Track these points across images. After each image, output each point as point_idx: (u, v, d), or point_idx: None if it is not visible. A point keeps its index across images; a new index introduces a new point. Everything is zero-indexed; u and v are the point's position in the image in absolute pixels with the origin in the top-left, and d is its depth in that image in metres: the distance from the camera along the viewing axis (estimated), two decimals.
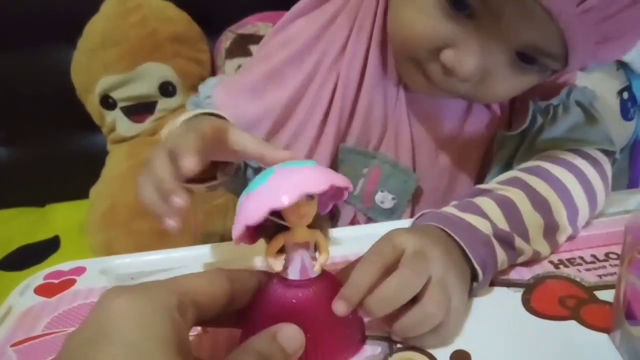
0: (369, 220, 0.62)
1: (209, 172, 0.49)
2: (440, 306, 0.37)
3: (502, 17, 0.44)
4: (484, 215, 0.45)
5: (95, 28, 1.05)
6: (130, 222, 0.96)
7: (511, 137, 0.59)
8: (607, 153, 0.56)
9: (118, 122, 1.09)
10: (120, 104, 1.07)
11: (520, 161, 0.56)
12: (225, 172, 0.51)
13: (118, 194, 1.00)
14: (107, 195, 1.02)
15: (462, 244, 0.41)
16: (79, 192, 1.11)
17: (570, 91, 0.57)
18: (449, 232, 0.42)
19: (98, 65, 1.05)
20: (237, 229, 0.34)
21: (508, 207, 0.47)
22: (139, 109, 1.08)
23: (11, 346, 0.41)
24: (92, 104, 1.08)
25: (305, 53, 0.59)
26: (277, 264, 0.36)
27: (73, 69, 1.08)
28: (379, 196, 0.61)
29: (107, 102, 1.07)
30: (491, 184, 0.51)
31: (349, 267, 0.39)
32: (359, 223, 0.63)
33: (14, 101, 1.16)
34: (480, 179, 0.62)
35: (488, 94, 0.51)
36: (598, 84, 0.84)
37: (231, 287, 0.34)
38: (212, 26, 1.12)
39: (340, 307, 0.35)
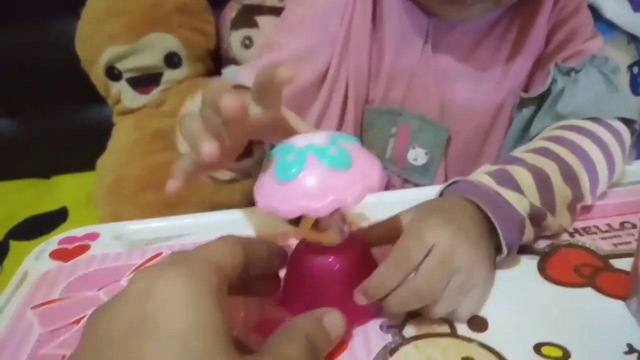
0: (405, 182, 0.62)
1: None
2: (447, 310, 0.37)
3: None
4: (521, 191, 0.44)
5: None
6: (138, 194, 0.96)
7: (531, 100, 0.59)
8: (627, 122, 0.56)
9: (123, 93, 1.08)
10: (125, 75, 1.06)
11: (539, 123, 0.56)
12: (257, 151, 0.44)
13: (125, 165, 1.00)
14: (114, 167, 1.01)
15: (496, 224, 0.40)
16: (84, 164, 1.10)
17: (593, 58, 0.57)
18: (484, 209, 0.41)
19: (102, 36, 1.04)
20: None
21: (542, 181, 0.46)
22: (145, 80, 1.07)
23: (31, 309, 0.41)
24: (97, 75, 1.07)
25: (328, 20, 0.58)
26: (329, 236, 0.36)
27: (77, 40, 1.07)
28: (411, 154, 0.60)
29: (113, 73, 1.06)
30: (522, 152, 0.50)
31: (375, 226, 0.40)
32: (394, 187, 0.62)
33: (18, 73, 1.15)
34: None
35: None
36: None
37: (245, 257, 0.32)
38: None
39: (360, 299, 0.36)
